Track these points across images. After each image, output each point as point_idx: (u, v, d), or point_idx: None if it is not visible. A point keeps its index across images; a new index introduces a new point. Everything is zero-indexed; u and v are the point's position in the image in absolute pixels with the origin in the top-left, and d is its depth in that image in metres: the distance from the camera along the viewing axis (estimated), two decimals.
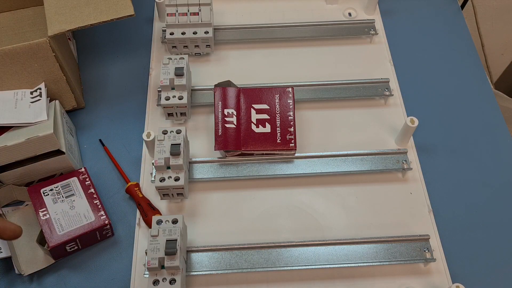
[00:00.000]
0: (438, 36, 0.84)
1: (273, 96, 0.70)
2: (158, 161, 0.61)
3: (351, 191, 0.68)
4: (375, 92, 0.75)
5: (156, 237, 0.56)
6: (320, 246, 0.62)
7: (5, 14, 0.82)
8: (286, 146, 0.67)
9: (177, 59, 0.69)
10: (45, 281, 0.62)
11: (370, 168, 0.68)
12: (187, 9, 0.75)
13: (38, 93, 0.66)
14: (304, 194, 0.68)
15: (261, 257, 0.61)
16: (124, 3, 0.66)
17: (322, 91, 0.75)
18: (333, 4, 0.86)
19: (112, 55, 0.81)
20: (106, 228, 0.62)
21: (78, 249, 0.63)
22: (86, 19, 0.65)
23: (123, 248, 0.64)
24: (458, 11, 0.88)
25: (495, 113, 0.77)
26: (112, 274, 0.62)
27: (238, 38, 0.80)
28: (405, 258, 0.61)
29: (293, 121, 0.69)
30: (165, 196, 0.64)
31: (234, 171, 0.68)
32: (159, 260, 0.55)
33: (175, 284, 0.55)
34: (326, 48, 0.81)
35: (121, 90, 0.77)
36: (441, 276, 0.62)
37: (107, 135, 0.73)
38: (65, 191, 0.63)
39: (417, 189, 0.69)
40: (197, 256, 0.61)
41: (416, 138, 0.73)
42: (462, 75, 0.80)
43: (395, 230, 0.65)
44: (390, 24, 0.85)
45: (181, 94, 0.68)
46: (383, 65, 0.80)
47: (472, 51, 0.83)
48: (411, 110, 0.75)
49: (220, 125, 0.67)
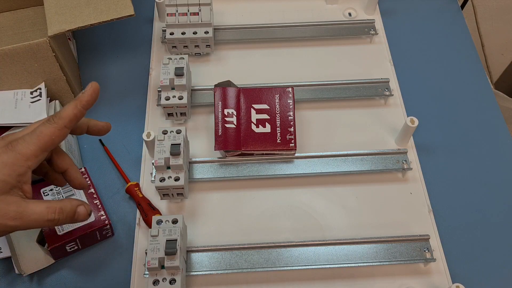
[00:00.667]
0: (438, 36, 0.84)
1: (273, 96, 0.70)
2: (158, 161, 0.61)
3: (351, 191, 0.68)
4: (375, 92, 0.75)
5: (156, 237, 0.56)
6: (320, 246, 0.62)
7: (5, 14, 0.82)
8: (286, 146, 0.67)
9: (177, 59, 0.69)
10: (45, 281, 0.62)
11: (370, 168, 0.68)
12: (187, 9, 0.75)
13: (38, 93, 0.66)
14: (304, 194, 0.68)
15: (261, 257, 0.61)
16: (124, 3, 0.66)
17: (322, 91, 0.75)
18: (333, 4, 0.86)
19: (112, 55, 0.81)
20: (106, 228, 0.62)
21: (78, 249, 0.63)
22: (86, 19, 0.65)
23: (123, 248, 0.64)
24: (458, 11, 0.88)
25: (495, 113, 0.77)
26: (112, 274, 0.62)
27: (238, 38, 0.80)
28: (405, 258, 0.61)
29: (293, 121, 0.69)
30: (165, 196, 0.64)
31: (234, 171, 0.68)
32: (159, 260, 0.55)
33: (175, 284, 0.55)
34: (326, 48, 0.81)
35: (121, 90, 0.77)
36: (441, 276, 0.62)
37: (107, 135, 0.72)
38: (65, 191, 0.63)
39: (417, 189, 0.69)
40: (197, 256, 0.61)
41: (416, 138, 0.73)
42: (462, 75, 0.80)
43: (395, 230, 0.65)
44: (390, 24, 0.85)
45: (181, 94, 0.68)
46: (383, 65, 0.80)
47: (472, 51, 0.83)
48: (411, 110, 0.75)
49: (220, 125, 0.67)
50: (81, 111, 0.46)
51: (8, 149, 0.42)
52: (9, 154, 0.42)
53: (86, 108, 0.46)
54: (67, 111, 0.45)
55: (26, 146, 0.43)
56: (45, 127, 0.44)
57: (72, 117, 0.45)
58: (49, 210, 0.43)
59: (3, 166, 0.41)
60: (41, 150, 0.43)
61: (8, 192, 0.41)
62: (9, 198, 0.41)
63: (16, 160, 0.42)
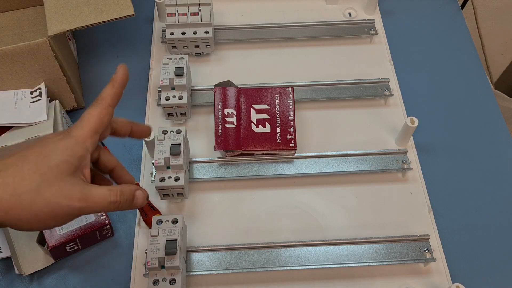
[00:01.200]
0: (438, 36, 0.84)
1: (273, 96, 0.70)
2: (158, 161, 0.61)
3: (351, 191, 0.68)
4: (375, 92, 0.75)
5: (156, 237, 0.56)
6: (320, 246, 0.62)
7: (5, 14, 0.82)
8: (286, 146, 0.67)
9: (177, 59, 0.69)
10: (45, 281, 0.62)
11: (370, 168, 0.68)
12: (187, 9, 0.75)
13: (38, 93, 0.66)
14: (304, 194, 0.68)
15: (261, 257, 0.61)
16: (124, 3, 0.66)
17: (322, 91, 0.75)
18: (333, 4, 0.86)
19: (112, 55, 0.81)
20: (106, 228, 0.62)
21: (78, 249, 0.63)
22: (86, 19, 0.65)
23: (123, 248, 0.64)
24: (458, 11, 0.88)
25: (495, 113, 0.77)
26: (112, 274, 0.62)
27: (238, 38, 0.80)
28: (405, 258, 0.61)
29: (293, 121, 0.69)
30: (165, 196, 0.64)
31: (234, 171, 0.68)
32: (159, 260, 0.55)
33: (175, 284, 0.55)
34: (326, 48, 0.81)
35: None
36: (441, 276, 0.62)
37: None
38: None
39: (417, 189, 0.69)
40: (197, 256, 0.61)
41: (416, 138, 0.73)
42: (462, 75, 0.80)
43: (395, 230, 0.65)
44: (390, 24, 0.85)
45: (181, 94, 0.68)
46: (383, 65, 0.80)
47: (472, 51, 0.83)
48: (411, 110, 0.75)
49: (220, 125, 0.67)
50: (118, 89, 0.48)
51: (65, 135, 0.44)
52: (68, 139, 0.44)
53: (121, 86, 0.49)
54: (107, 91, 0.48)
55: (81, 129, 0.45)
56: (91, 109, 0.47)
57: (113, 95, 0.48)
58: (111, 193, 0.44)
59: (65, 149, 0.43)
60: (94, 131, 0.46)
61: (72, 175, 0.43)
62: (73, 179, 0.43)
63: (76, 143, 0.44)
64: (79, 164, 0.44)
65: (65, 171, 0.42)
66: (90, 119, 0.46)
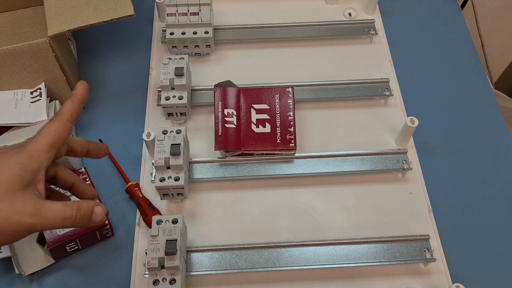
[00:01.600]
0: (438, 36, 0.84)
1: (273, 96, 0.70)
2: (158, 161, 0.61)
3: (351, 191, 0.68)
4: (375, 92, 0.75)
5: (156, 237, 0.56)
6: (320, 246, 0.62)
7: (5, 14, 0.82)
8: (286, 146, 0.67)
9: (177, 59, 0.69)
10: (45, 281, 0.62)
11: (370, 168, 0.68)
12: (187, 9, 0.75)
13: (38, 93, 0.66)
14: (304, 194, 0.68)
15: (261, 257, 0.61)
16: (124, 3, 0.66)
17: (322, 91, 0.75)
18: (333, 4, 0.86)
19: (112, 55, 0.81)
20: (106, 228, 0.62)
21: (78, 249, 0.63)
22: (86, 19, 0.65)
23: (123, 248, 0.64)
24: (458, 11, 0.88)
25: (495, 113, 0.77)
26: (112, 274, 0.62)
27: (238, 38, 0.80)
28: (405, 258, 0.61)
29: (293, 121, 0.69)
30: (165, 196, 0.64)
31: (234, 171, 0.68)
32: (159, 260, 0.55)
33: (175, 284, 0.55)
34: (326, 48, 0.81)
35: (121, 90, 0.77)
36: (441, 276, 0.62)
37: (107, 135, 0.73)
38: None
39: (417, 189, 0.69)
40: (197, 256, 0.61)
41: (416, 138, 0.73)
42: (462, 75, 0.80)
43: (395, 230, 0.65)
44: (390, 24, 0.85)
45: (181, 94, 0.68)
46: (383, 65, 0.80)
47: (472, 51, 0.83)
48: (411, 110, 0.75)
49: (220, 125, 0.67)
50: (78, 105, 0.48)
51: (19, 149, 0.44)
52: (22, 153, 0.43)
53: (82, 102, 0.49)
54: (66, 107, 0.48)
55: (36, 143, 0.44)
56: (49, 124, 0.46)
57: (72, 111, 0.47)
58: (67, 208, 0.43)
59: (17, 163, 0.42)
60: (51, 146, 0.45)
61: (23, 189, 0.42)
62: (25, 194, 0.42)
63: (29, 157, 0.43)
64: (32, 179, 0.42)
65: (16, 186, 0.41)
66: (47, 133, 0.45)
